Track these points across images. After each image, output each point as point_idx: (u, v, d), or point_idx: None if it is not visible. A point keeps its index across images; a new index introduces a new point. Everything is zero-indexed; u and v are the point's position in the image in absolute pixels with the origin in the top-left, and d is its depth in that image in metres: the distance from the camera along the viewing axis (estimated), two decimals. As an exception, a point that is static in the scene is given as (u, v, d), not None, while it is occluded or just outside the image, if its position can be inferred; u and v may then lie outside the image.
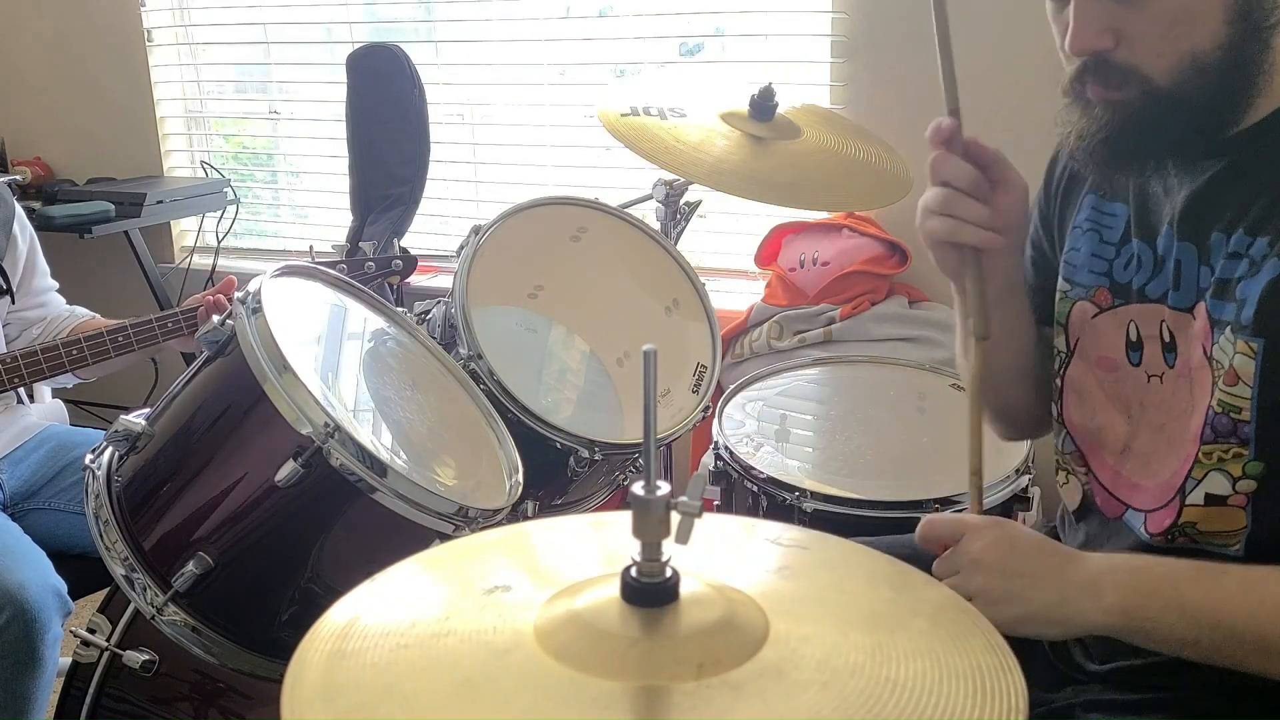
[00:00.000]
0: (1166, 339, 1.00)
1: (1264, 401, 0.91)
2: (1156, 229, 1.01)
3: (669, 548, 0.63)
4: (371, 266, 1.88)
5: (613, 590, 0.63)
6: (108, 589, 1.38)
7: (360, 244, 1.97)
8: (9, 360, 1.73)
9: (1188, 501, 0.97)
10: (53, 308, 1.93)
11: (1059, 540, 1.17)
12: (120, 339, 1.79)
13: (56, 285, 1.96)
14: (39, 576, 1.53)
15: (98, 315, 1.94)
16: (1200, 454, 0.95)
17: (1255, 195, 0.92)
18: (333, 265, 1.80)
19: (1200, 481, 0.96)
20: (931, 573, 0.92)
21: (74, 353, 1.75)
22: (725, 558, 0.72)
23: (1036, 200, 1.18)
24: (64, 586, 1.56)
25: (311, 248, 1.88)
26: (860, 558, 0.73)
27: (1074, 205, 1.11)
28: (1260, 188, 0.92)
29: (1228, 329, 0.92)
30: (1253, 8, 0.89)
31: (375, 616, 0.66)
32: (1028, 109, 1.02)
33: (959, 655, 0.61)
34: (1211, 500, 0.95)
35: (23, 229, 1.88)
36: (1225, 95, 0.92)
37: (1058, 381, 1.12)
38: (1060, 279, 1.11)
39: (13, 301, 1.84)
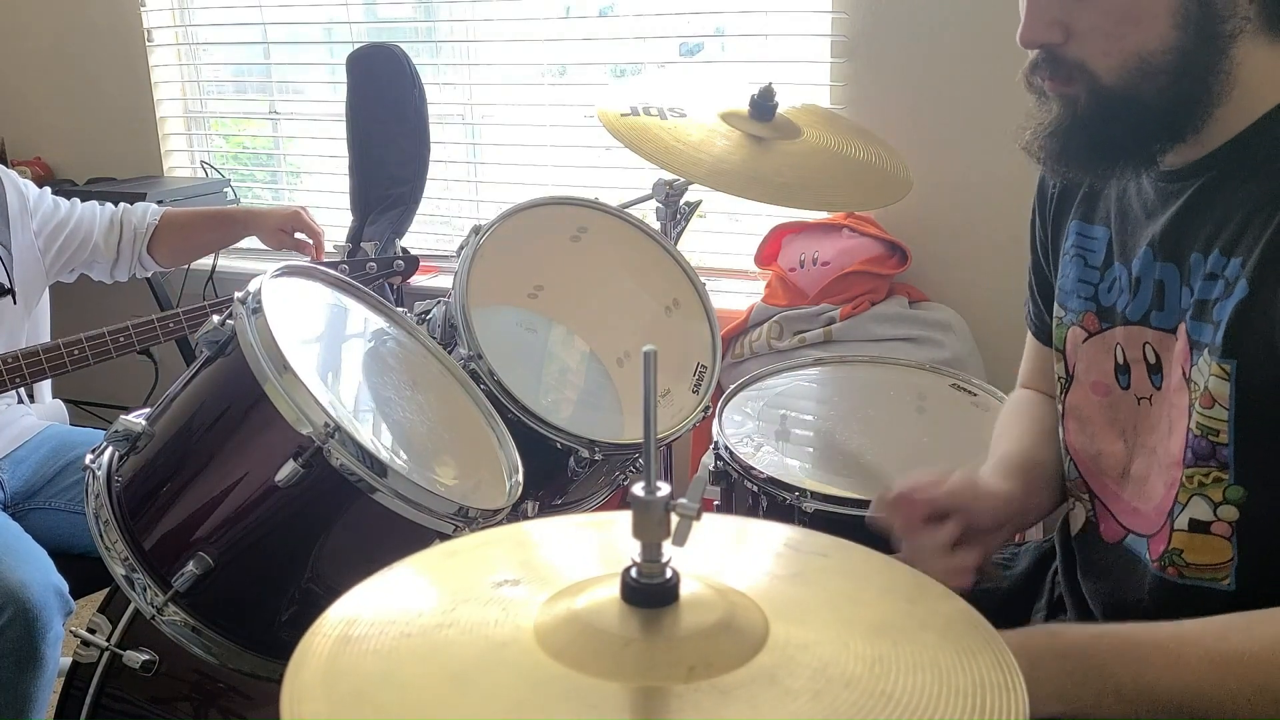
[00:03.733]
0: (1152, 360, 0.99)
1: (1241, 424, 0.89)
2: (1135, 251, 1.00)
3: (674, 549, 0.63)
4: (373, 267, 1.89)
5: (614, 590, 0.64)
6: (108, 589, 1.39)
7: (361, 244, 1.97)
8: (10, 360, 1.73)
9: (1175, 527, 0.95)
10: (101, 216, 1.97)
11: (1054, 558, 1.18)
12: (121, 339, 1.79)
13: (80, 214, 1.96)
14: (40, 575, 1.54)
15: (166, 209, 2.05)
16: (1184, 478, 0.94)
17: (1229, 215, 0.91)
18: (334, 266, 1.81)
19: (1185, 506, 0.94)
20: None
21: (75, 353, 1.75)
22: (738, 561, 0.72)
23: (1032, 222, 1.18)
24: (65, 586, 1.56)
25: (312, 247, 1.89)
26: (879, 567, 0.72)
27: (1063, 231, 1.11)
28: (1234, 207, 0.91)
29: (1205, 351, 0.91)
30: (1202, 14, 0.88)
31: (385, 605, 0.67)
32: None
33: (963, 671, 0.60)
34: (1195, 526, 0.94)
35: (13, 185, 1.88)
36: (1178, 101, 0.90)
37: (1059, 407, 1.12)
38: (1055, 304, 1.11)
39: (15, 301, 1.84)
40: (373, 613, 0.65)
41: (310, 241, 2.02)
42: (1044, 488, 1.15)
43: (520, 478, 1.36)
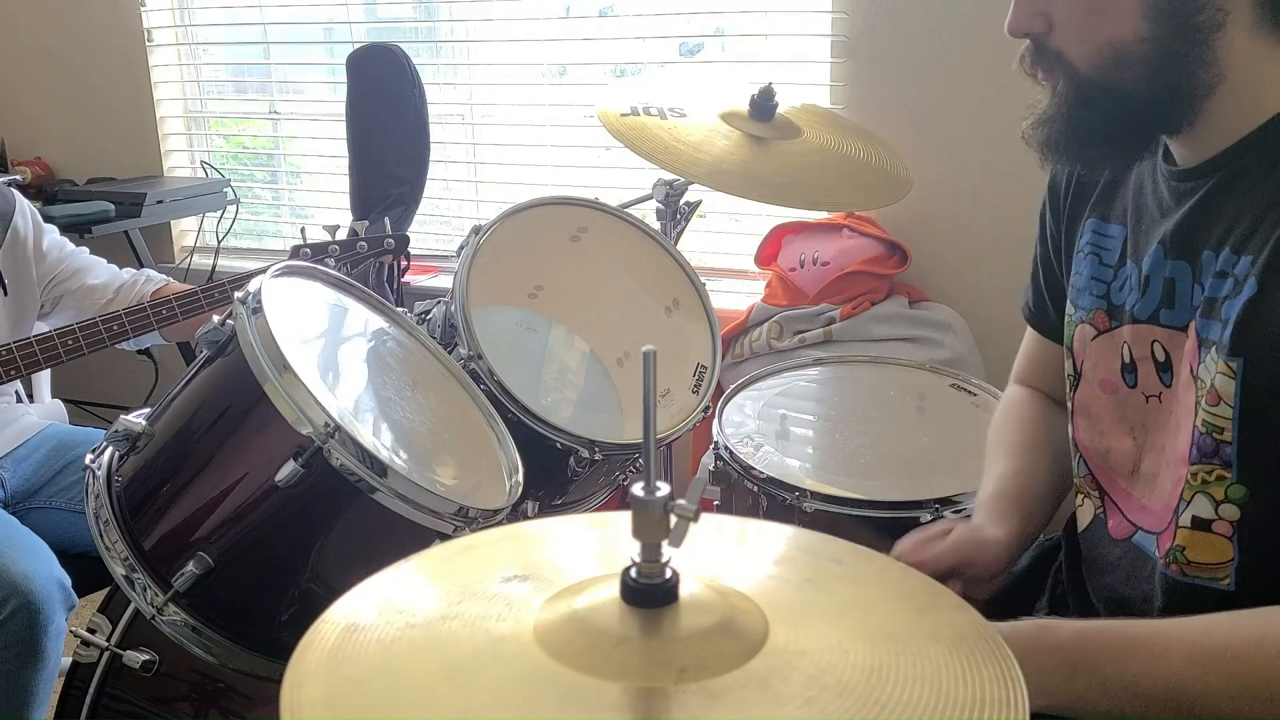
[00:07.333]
0: (1161, 358, 0.99)
1: (1245, 422, 0.89)
2: (1146, 249, 1.00)
3: (683, 551, 0.63)
4: (364, 246, 1.88)
5: (614, 590, 0.64)
6: (108, 589, 1.38)
7: (353, 224, 1.94)
8: (3, 352, 1.73)
9: (1180, 524, 0.95)
10: (102, 275, 1.95)
11: (1059, 555, 1.18)
12: (115, 327, 1.79)
13: (95, 260, 1.95)
14: (44, 568, 1.54)
15: (171, 281, 1.99)
16: (1189, 475, 0.94)
17: (1242, 213, 0.91)
18: (325, 248, 1.81)
19: (1189, 503, 0.94)
20: None
21: (69, 342, 1.76)
22: (746, 564, 0.72)
23: (1042, 217, 1.18)
24: (68, 579, 1.56)
25: (303, 229, 1.87)
26: (895, 575, 0.71)
27: (1078, 229, 1.11)
28: (1246, 205, 0.91)
29: (1212, 349, 0.91)
30: (1173, 6, 0.88)
31: (396, 595, 0.67)
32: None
33: (965, 685, 0.59)
34: (1198, 524, 0.94)
35: (25, 219, 1.88)
36: (1161, 90, 0.91)
37: (1069, 404, 1.12)
38: (1067, 302, 1.11)
39: (5, 294, 1.84)
40: (383, 602, 0.66)
41: None
42: (1040, 510, 1.17)
43: (520, 478, 1.36)
